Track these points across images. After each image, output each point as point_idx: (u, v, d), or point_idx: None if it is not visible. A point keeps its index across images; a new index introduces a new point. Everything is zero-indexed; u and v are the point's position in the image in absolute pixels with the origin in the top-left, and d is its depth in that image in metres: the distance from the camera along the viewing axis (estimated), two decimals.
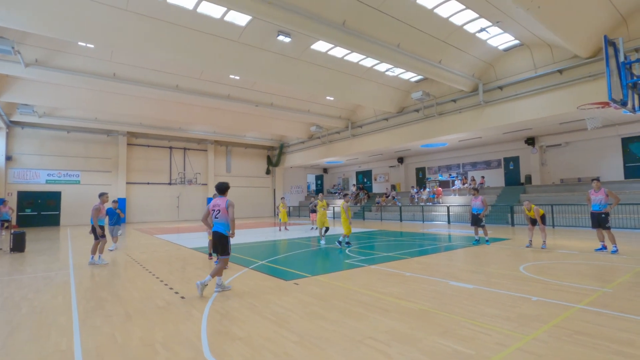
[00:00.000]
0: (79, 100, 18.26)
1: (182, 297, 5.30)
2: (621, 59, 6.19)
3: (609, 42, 6.11)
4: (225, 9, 11.58)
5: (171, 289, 5.86)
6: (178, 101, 19.73)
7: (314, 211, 16.67)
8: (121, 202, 25.29)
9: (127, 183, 26.03)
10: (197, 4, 11.32)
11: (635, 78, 6.42)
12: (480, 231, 10.81)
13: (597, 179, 8.82)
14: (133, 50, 12.59)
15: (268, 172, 33.60)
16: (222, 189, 5.68)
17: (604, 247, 8.65)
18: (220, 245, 5.52)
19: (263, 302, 4.95)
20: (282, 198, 17.95)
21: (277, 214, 18.02)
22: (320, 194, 13.58)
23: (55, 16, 10.52)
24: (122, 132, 25.62)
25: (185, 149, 29.16)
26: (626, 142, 17.60)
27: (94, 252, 8.39)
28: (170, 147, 28.43)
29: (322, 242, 11.65)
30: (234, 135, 29.70)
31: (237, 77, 17.27)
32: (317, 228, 12.30)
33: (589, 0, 11.17)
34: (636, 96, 6.81)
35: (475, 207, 10.70)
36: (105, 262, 8.43)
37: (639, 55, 11.88)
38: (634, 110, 6.62)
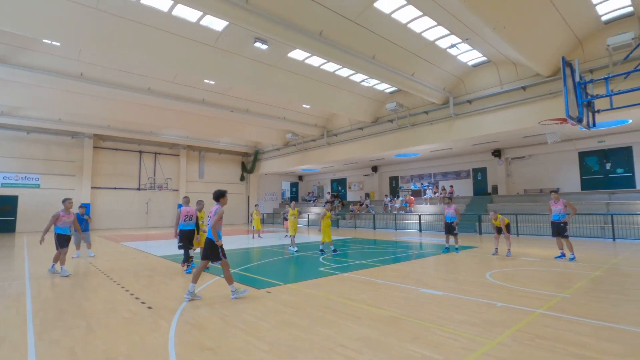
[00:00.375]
0: (42, 100, 17.31)
1: (149, 308, 5.10)
2: (577, 79, 6.67)
3: (567, 63, 6.57)
4: (201, 13, 11.46)
5: (137, 298, 5.63)
6: (150, 104, 19.17)
7: (286, 219, 16.64)
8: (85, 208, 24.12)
9: (92, 188, 24.84)
10: (172, 7, 11.14)
11: (589, 97, 6.93)
12: (452, 239, 11.14)
13: (556, 191, 9.38)
14: (102, 51, 12.16)
15: (242, 178, 33.15)
16: (216, 196, 5.72)
17: (563, 255, 9.16)
18: (210, 251, 5.53)
19: (234, 312, 4.85)
20: (256, 205, 17.73)
21: (251, 221, 17.74)
22: (293, 202, 13.58)
23: (20, 11, 10.00)
24: (89, 135, 24.49)
25: (156, 153, 28.27)
26: (583, 156, 18.83)
27: (55, 260, 7.93)
28: (140, 151, 27.47)
29: (294, 249, 11.62)
30: (207, 140, 29.15)
31: (212, 82, 17.06)
32: (289, 236, 12.27)
33: (550, 23, 11.98)
34: (590, 114, 7.33)
35: (448, 215, 11.02)
36: (68, 273, 7.73)
37: (593, 76, 12.81)
38: (588, 126, 7.12)
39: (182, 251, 8.29)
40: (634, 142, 17.00)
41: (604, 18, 12.55)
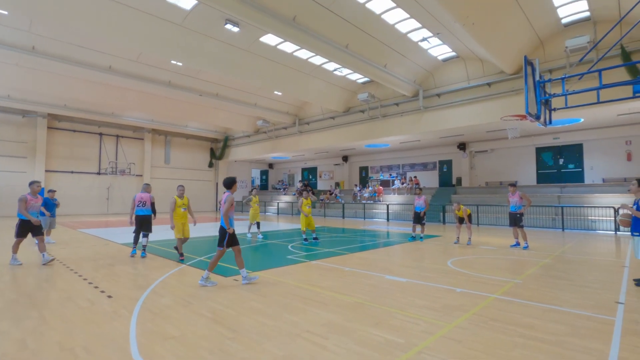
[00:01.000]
0: None
1: (109, 297, 4.91)
2: (537, 77, 7.02)
3: (528, 62, 6.88)
4: None
5: (96, 287, 5.40)
6: (111, 84, 18.04)
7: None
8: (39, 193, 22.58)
9: (46, 171, 23.25)
10: None
11: (547, 96, 7.33)
12: (418, 228, 11.53)
13: (514, 184, 9.93)
14: (56, 23, 11.27)
15: (211, 165, 32.33)
16: (227, 183, 5.77)
17: (518, 244, 9.77)
18: (219, 237, 5.61)
19: (199, 300, 4.78)
20: (224, 192, 17.41)
21: (219, 209, 17.39)
22: (254, 189, 13.66)
23: None
24: (42, 114, 22.77)
25: (118, 136, 26.84)
26: (539, 151, 20.00)
27: (15, 251, 7.18)
28: (101, 134, 25.97)
29: (260, 236, 11.70)
30: (174, 124, 28.04)
31: (180, 64, 16.30)
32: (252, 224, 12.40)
33: (515, 23, 12.47)
34: (547, 112, 7.77)
35: (418, 205, 11.36)
36: (19, 262, 7.18)
37: (551, 76, 13.54)
38: (545, 123, 7.54)
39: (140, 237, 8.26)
40: (585, 139, 18.28)
41: (563, 21, 13.24)
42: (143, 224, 8.10)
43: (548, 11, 12.49)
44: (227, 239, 5.51)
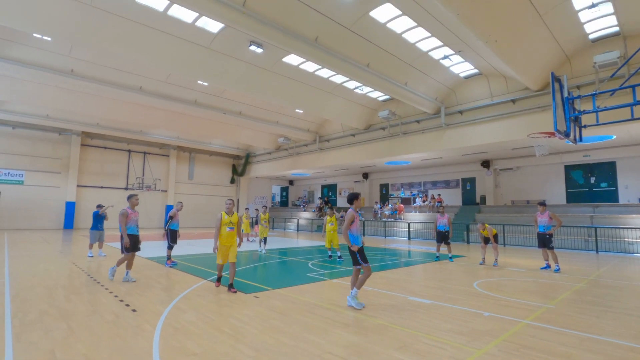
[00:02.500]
0: (30, 95, 16.96)
1: (134, 310, 5.00)
2: (565, 94, 6.84)
3: (555, 78, 6.73)
4: (197, 14, 11.43)
5: (122, 301, 5.51)
6: (141, 103, 18.94)
7: (257, 223, 16.85)
8: (70, 206, 23.62)
9: (78, 186, 24.37)
10: (168, 7, 11.09)
11: (576, 112, 7.11)
12: (443, 248, 11.21)
13: (543, 203, 9.53)
14: (95, 48, 12.06)
15: (233, 181, 32.93)
16: (349, 198, 5.57)
17: (548, 266, 9.30)
18: (351, 256, 5.45)
19: (221, 316, 4.78)
20: (246, 209, 17.62)
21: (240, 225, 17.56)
22: (264, 207, 14.11)
23: (11, 4, 9.83)
24: (76, 132, 24.09)
25: (145, 153, 27.92)
26: (568, 169, 19.26)
27: (129, 266, 7.02)
28: (129, 151, 27.10)
29: (263, 251, 12.43)
30: (198, 141, 28.93)
31: (206, 84, 16.98)
32: (254, 240, 13.05)
33: (539, 39, 12.29)
34: (577, 129, 7.52)
35: (441, 224, 11.09)
36: (133, 279, 6.97)
37: (580, 92, 13.17)
38: (575, 141, 7.29)
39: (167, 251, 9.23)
40: (618, 157, 17.48)
41: (591, 36, 12.94)
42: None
43: (574, 27, 12.26)
44: (360, 255, 5.33)
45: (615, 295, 6.48)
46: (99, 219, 10.71)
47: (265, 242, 12.79)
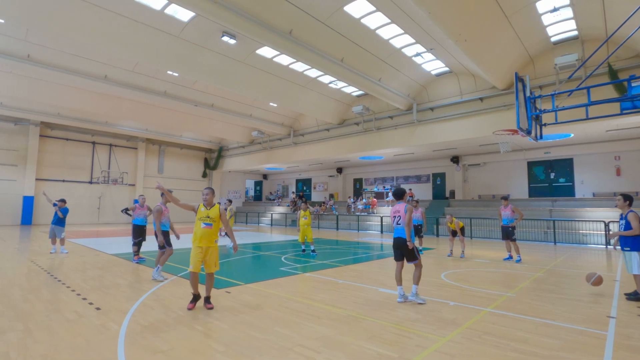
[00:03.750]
0: None
1: (98, 309, 4.81)
2: (528, 93, 7.18)
3: (519, 78, 7.04)
4: (166, 1, 10.99)
5: (85, 299, 5.28)
6: (106, 93, 18.01)
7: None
8: (28, 201, 22.25)
9: (37, 179, 22.93)
10: None
11: (538, 111, 7.48)
12: (415, 241, 11.52)
13: (506, 197, 10.01)
14: (53, 32, 11.32)
15: (205, 175, 32.18)
16: (400, 194, 5.54)
17: (510, 257, 9.80)
18: (406, 251, 5.34)
19: (190, 313, 4.69)
20: (217, 203, 17.27)
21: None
22: (228, 200, 14.02)
23: None
24: (35, 122, 22.59)
25: (111, 145, 26.68)
26: (531, 165, 20.29)
27: (158, 262, 6.77)
28: (94, 142, 25.80)
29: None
30: (168, 134, 27.97)
31: (176, 74, 16.40)
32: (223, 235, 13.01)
33: (506, 40, 12.80)
34: (538, 127, 7.92)
35: (415, 218, 11.36)
36: (165, 279, 6.70)
37: (542, 92, 13.85)
38: (536, 138, 7.68)
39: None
40: (575, 154, 18.60)
41: (553, 39, 13.61)
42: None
43: (538, 29, 12.85)
44: (416, 250, 5.36)
45: (569, 283, 6.94)
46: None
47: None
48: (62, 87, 17.30)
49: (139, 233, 8.84)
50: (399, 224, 5.43)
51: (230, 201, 14.30)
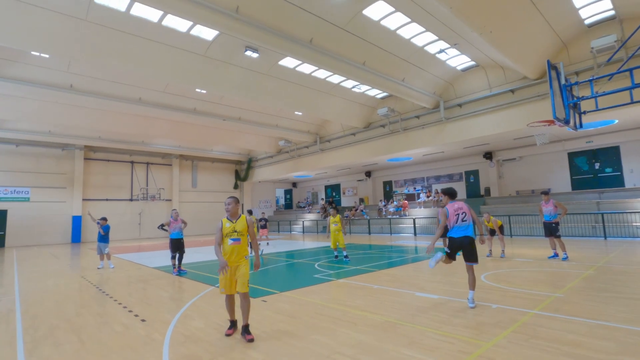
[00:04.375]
0: (31, 112, 17.13)
1: (143, 320, 5.03)
2: (562, 81, 6.80)
3: (552, 66, 6.69)
4: (191, 23, 11.50)
5: (130, 311, 5.55)
6: (141, 114, 19.09)
7: (264, 227, 16.82)
8: (77, 220, 23.81)
9: (83, 200, 24.53)
10: (162, 17, 11.17)
11: (575, 99, 7.07)
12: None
13: (547, 192, 9.45)
14: (92, 62, 12.15)
15: (236, 186, 33.02)
16: (455, 193, 5.56)
17: (556, 255, 9.24)
18: (471, 251, 5.21)
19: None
20: (249, 212, 17.58)
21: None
22: (247, 211, 14.04)
23: (6, 23, 9.94)
24: (79, 146, 24.26)
25: (148, 163, 28.07)
26: (572, 156, 19.12)
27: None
28: (132, 162, 27.26)
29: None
30: (200, 149, 29.04)
31: (204, 91, 17.06)
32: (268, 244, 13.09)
33: (535, 27, 12.22)
34: (577, 115, 7.47)
35: None
36: None
37: (578, 78, 13.07)
38: (575, 127, 7.25)
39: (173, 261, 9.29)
40: (621, 141, 17.32)
41: (587, 22, 12.85)
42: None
43: (569, 13, 12.18)
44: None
45: (624, 280, 6.43)
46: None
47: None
48: (101, 111, 18.51)
49: (176, 246, 9.20)
50: (465, 221, 5.20)
51: (250, 212, 14.33)
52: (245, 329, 4.14)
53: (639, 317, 4.30)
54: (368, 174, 29.07)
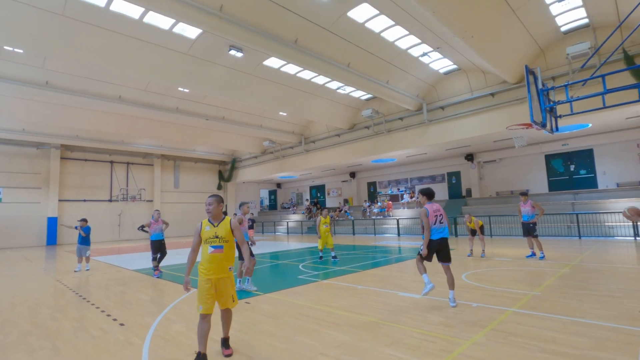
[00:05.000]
0: (4, 109, 16.39)
1: (122, 324, 4.89)
2: (540, 86, 7.01)
3: (530, 71, 6.89)
4: (174, 20, 11.30)
5: (109, 315, 5.39)
6: (121, 113, 18.56)
7: (250, 227, 16.77)
8: (52, 222, 22.97)
9: (59, 200, 23.69)
10: (144, 14, 10.92)
11: (551, 103, 7.30)
12: None
13: (525, 193, 9.78)
14: (69, 58, 11.77)
15: (220, 187, 32.59)
16: (433, 193, 5.59)
17: (533, 254, 9.52)
18: (446, 251, 5.30)
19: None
20: (234, 214, 17.42)
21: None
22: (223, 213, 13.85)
23: None
24: (55, 145, 23.42)
25: (128, 163, 27.36)
26: (549, 158, 19.76)
27: (249, 274, 6.85)
28: (112, 162, 26.52)
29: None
30: (182, 149, 28.52)
31: (187, 90, 16.78)
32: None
33: (514, 33, 12.59)
34: (553, 119, 7.72)
35: None
36: (255, 288, 6.77)
37: (554, 83, 13.54)
38: (551, 131, 7.48)
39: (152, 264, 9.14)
40: (595, 144, 18.03)
41: (563, 29, 13.32)
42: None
43: (546, 20, 12.61)
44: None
45: (598, 278, 6.69)
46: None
47: None
48: (79, 110, 17.92)
49: (157, 248, 9.01)
50: (442, 223, 5.35)
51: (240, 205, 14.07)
52: (225, 343, 3.78)
53: (611, 314, 4.48)
54: (352, 174, 29.23)
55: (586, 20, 12.78)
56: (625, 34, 11.20)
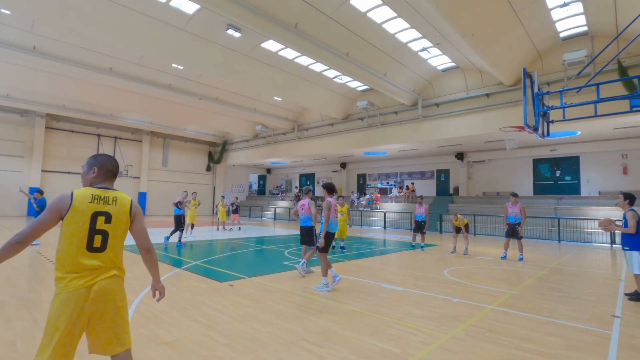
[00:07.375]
0: None
1: None
2: (535, 90, 7.09)
3: (527, 74, 6.95)
4: None
5: None
6: (111, 85, 18.03)
7: (235, 211, 16.82)
8: (34, 192, 22.41)
9: (43, 171, 23.10)
10: None
11: (545, 108, 7.39)
12: (418, 237, 11.51)
13: (515, 194, 9.77)
14: (59, 25, 11.29)
15: (209, 168, 32.26)
16: (334, 189, 6.27)
17: (506, 255, 9.60)
18: (307, 237, 6.97)
19: (194, 304, 4.72)
20: (222, 197, 17.31)
21: (216, 213, 17.34)
22: (194, 193, 13.96)
23: None
24: (40, 114, 22.69)
25: (116, 137, 26.76)
26: (536, 162, 20.13)
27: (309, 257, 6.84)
28: (99, 135, 25.89)
29: (190, 235, 13.12)
30: (173, 127, 27.99)
31: (181, 67, 16.37)
32: (231, 229, 13.69)
33: (514, 35, 12.62)
34: (545, 124, 7.83)
35: (419, 214, 11.32)
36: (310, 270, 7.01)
37: (549, 88, 13.67)
38: (543, 135, 7.60)
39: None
40: (581, 152, 18.41)
41: (562, 35, 13.40)
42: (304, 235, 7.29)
43: (547, 25, 12.65)
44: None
45: (573, 281, 6.90)
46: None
47: (192, 228, 13.59)
48: (67, 79, 17.34)
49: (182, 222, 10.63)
50: (337, 217, 6.29)
51: (195, 193, 14.03)
52: None
53: (584, 316, 4.64)
54: (343, 165, 29.26)
55: (585, 28, 12.87)
56: (622, 45, 11.34)
